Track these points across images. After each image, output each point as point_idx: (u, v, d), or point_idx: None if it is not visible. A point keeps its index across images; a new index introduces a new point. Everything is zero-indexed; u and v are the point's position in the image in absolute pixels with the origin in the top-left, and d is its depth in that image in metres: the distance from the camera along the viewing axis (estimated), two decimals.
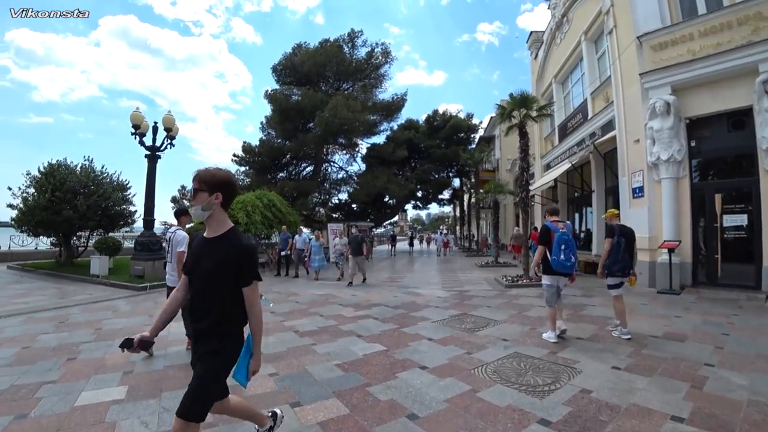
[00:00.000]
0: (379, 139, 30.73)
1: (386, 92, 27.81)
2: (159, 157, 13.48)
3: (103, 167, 15.56)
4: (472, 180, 34.46)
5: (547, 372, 4.04)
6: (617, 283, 5.38)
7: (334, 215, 35.00)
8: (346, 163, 32.02)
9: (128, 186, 16.24)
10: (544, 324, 5.98)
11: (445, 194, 36.70)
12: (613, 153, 12.34)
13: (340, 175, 30.39)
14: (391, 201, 36.82)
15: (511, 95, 11.59)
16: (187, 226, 5.29)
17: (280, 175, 28.94)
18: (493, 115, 35.55)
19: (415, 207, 37.68)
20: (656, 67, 9.74)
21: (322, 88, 26.06)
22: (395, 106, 27.37)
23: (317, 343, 5.33)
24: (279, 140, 25.56)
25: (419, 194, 35.03)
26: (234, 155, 25.45)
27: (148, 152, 13.12)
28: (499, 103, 11.51)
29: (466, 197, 36.53)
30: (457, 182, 36.59)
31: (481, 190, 17.71)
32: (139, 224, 16.41)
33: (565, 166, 14.32)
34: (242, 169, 26.86)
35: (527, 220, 10.96)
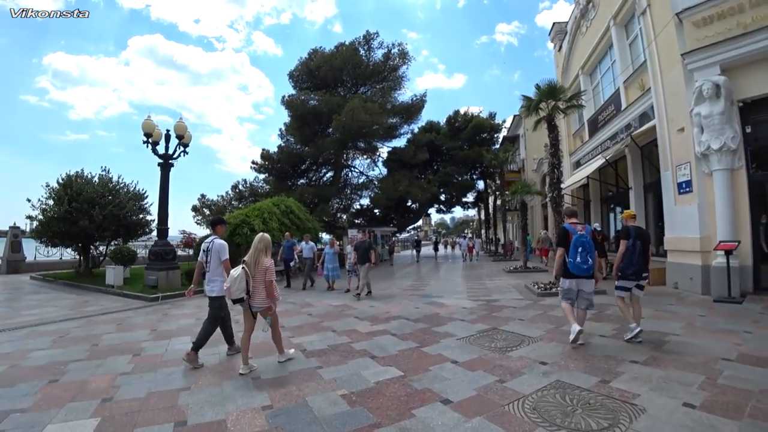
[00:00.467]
0: (400, 142, 30.18)
1: (405, 94, 27.18)
2: (172, 165, 13.21)
3: (120, 177, 15.47)
4: (497, 181, 33.37)
5: (601, 410, 3.23)
6: (627, 287, 5.32)
7: (356, 221, 34.54)
8: (367, 168, 31.56)
9: (145, 195, 16.12)
10: (587, 342, 5.15)
11: (469, 197, 35.67)
12: (652, 145, 11.31)
13: (361, 180, 29.87)
14: (413, 205, 36.09)
15: (537, 86, 10.73)
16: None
17: (301, 181, 28.70)
18: (517, 114, 34.48)
19: (439, 211, 36.78)
20: (700, 45, 8.71)
21: (339, 92, 25.70)
22: (415, 107, 26.70)
23: (324, 366, 4.67)
24: (298, 146, 25.29)
25: (442, 198, 34.17)
26: (253, 162, 25.37)
27: (160, 160, 12.88)
28: (525, 95, 10.61)
29: (490, 199, 35.41)
30: (481, 184, 35.56)
31: (507, 192, 16.71)
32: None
33: (598, 162, 13.28)
34: (262, 176, 26.71)
35: (560, 222, 10.04)
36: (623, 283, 5.32)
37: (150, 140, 12.62)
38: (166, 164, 13.04)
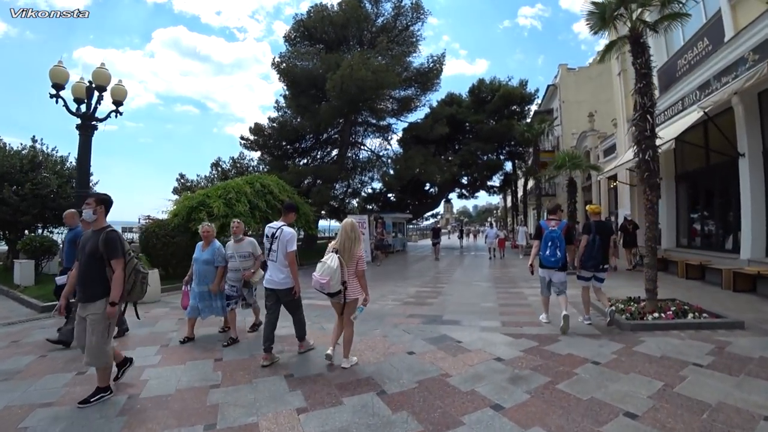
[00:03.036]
0: (417, 117, 26.25)
1: (419, 57, 23.01)
2: (95, 127, 9.87)
3: (53, 149, 12.23)
4: (528, 162, 29.06)
5: None
6: (587, 277, 5.80)
7: (368, 206, 31.03)
8: (380, 148, 27.75)
9: (90, 173, 12.87)
10: None
11: (495, 180, 31.44)
12: None
13: (373, 162, 26.11)
14: (432, 189, 32.17)
15: None
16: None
17: (302, 162, 25.22)
18: (551, 84, 29.88)
19: (461, 196, 32.71)
20: None
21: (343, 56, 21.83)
22: (432, 72, 22.59)
23: None
24: (295, 119, 21.63)
25: (464, 180, 30.11)
26: (242, 138, 21.80)
27: (80, 121, 9.52)
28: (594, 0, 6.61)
29: (520, 183, 31.12)
30: (508, 166, 31.25)
31: (546, 170, 12.61)
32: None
33: (692, 117, 9.16)
34: (255, 155, 23.28)
35: (654, 203, 6.10)
36: (583, 273, 5.81)
37: (59, 94, 9.25)
38: (87, 126, 9.71)
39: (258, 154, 23.92)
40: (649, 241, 6.17)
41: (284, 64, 19.84)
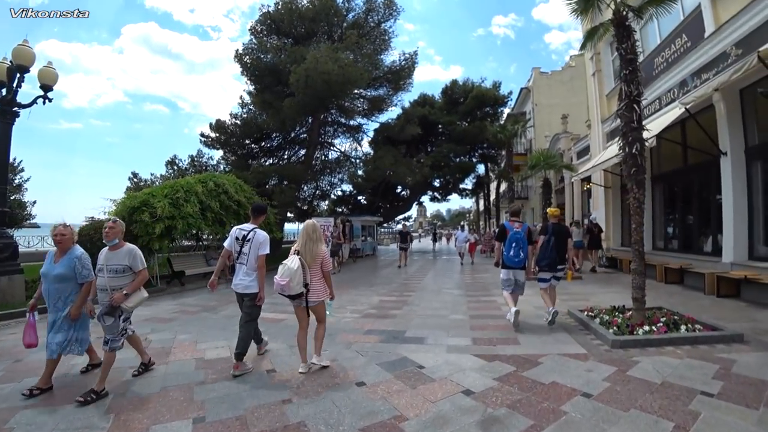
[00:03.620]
0: (389, 117, 25.44)
1: (391, 55, 22.19)
2: (17, 114, 8.63)
3: None
4: (501, 165, 28.77)
5: None
6: (546, 278, 5.86)
7: (338, 209, 30.02)
8: (350, 149, 26.78)
9: (19, 169, 11.46)
10: None
11: (468, 183, 30.99)
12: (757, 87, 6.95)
13: (342, 162, 25.10)
14: (403, 192, 31.46)
15: None
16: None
17: (269, 162, 23.99)
18: (524, 87, 29.78)
19: (433, 199, 32.04)
20: None
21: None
22: (404, 71, 21.84)
23: None
24: (260, 116, 20.41)
25: (436, 183, 29.52)
26: (202, 135, 20.41)
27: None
28: None
29: (492, 186, 30.81)
30: (481, 169, 30.87)
31: (517, 173, 11.96)
32: (41, 219, 11.74)
33: (673, 114, 8.68)
34: (217, 153, 21.90)
35: (641, 202, 5.43)
36: (542, 275, 5.89)
37: None
38: (7, 112, 8.47)
39: (221, 153, 22.54)
40: (636, 245, 5.50)
41: (248, 57, 18.63)
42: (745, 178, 7.96)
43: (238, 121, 20.33)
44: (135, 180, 18.29)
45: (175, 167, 19.07)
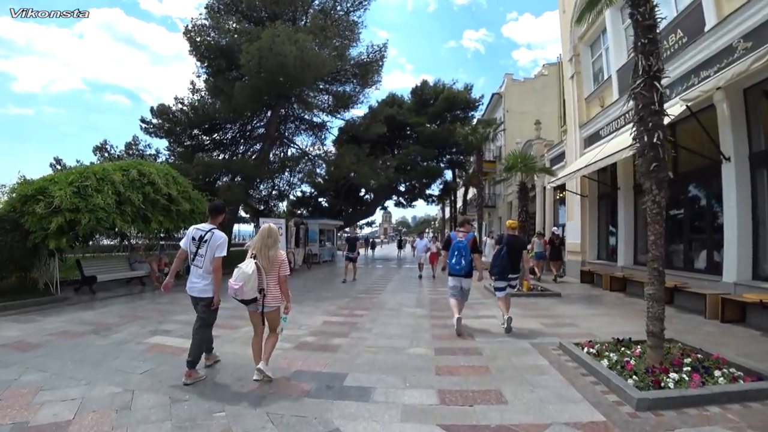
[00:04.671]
0: (356, 116, 23.94)
1: (359, 47, 20.63)
2: None
3: None
4: (469, 171, 27.83)
5: None
6: (502, 287, 6.11)
7: (297, 211, 28.19)
8: (312, 147, 25.01)
9: None
10: None
11: (434, 189, 29.86)
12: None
13: (300, 160, 23.28)
14: (367, 196, 29.98)
15: None
16: None
17: (223, 157, 21.87)
18: (495, 92, 29.06)
19: (398, 204, 30.71)
20: None
21: None
22: (372, 65, 20.39)
23: None
24: (211, 103, 18.32)
25: (402, 188, 28.22)
26: (142, 121, 18.04)
27: None
28: None
29: (460, 193, 29.83)
30: (449, 175, 29.85)
31: (502, 170, 10.51)
32: None
33: (675, 110, 7.62)
34: (163, 144, 19.61)
35: (662, 207, 4.17)
36: (497, 284, 6.20)
37: None
38: None
39: (166, 143, 20.23)
40: (653, 262, 4.23)
41: (199, 37, 16.62)
42: (750, 188, 6.98)
43: (184, 107, 18.13)
44: (59, 167, 15.73)
45: (106, 154, 16.63)
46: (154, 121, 18.01)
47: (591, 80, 13.46)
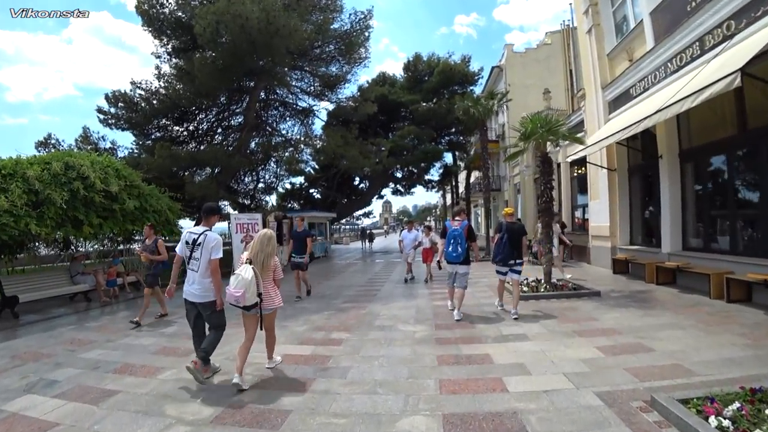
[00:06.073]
0: (345, 97, 21.79)
1: (342, 19, 18.33)
2: None
3: None
4: (470, 153, 25.74)
5: None
6: (502, 271, 6.33)
7: (287, 204, 26.22)
8: (298, 134, 22.90)
9: None
10: None
11: (434, 174, 27.78)
12: None
13: (283, 147, 21.17)
14: (362, 185, 27.94)
15: None
16: None
17: (202, 149, 19.78)
18: (496, 65, 26.83)
19: (395, 192, 28.59)
20: None
21: None
22: (357, 36, 18.14)
23: None
24: (176, 86, 16.14)
25: (399, 174, 26.18)
26: (99, 111, 15.87)
27: None
28: None
29: (462, 176, 27.76)
30: (448, 158, 27.71)
31: (520, 142, 8.21)
32: None
33: (749, 53, 5.54)
34: (124, 137, 17.50)
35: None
36: (498, 267, 6.38)
37: None
38: None
39: (132, 137, 18.10)
40: None
41: (155, 9, 14.42)
42: None
43: (142, 92, 15.93)
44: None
45: (51, 149, 14.48)
46: (112, 110, 15.87)
47: (613, 33, 11.32)
